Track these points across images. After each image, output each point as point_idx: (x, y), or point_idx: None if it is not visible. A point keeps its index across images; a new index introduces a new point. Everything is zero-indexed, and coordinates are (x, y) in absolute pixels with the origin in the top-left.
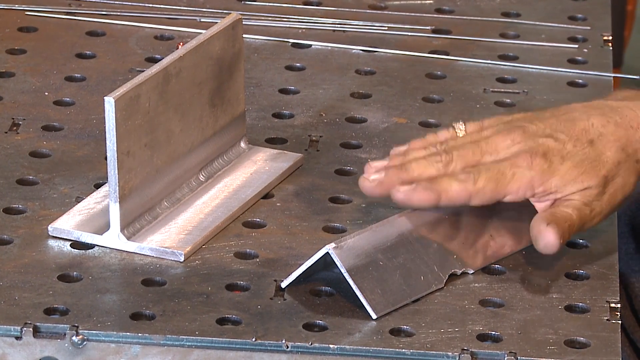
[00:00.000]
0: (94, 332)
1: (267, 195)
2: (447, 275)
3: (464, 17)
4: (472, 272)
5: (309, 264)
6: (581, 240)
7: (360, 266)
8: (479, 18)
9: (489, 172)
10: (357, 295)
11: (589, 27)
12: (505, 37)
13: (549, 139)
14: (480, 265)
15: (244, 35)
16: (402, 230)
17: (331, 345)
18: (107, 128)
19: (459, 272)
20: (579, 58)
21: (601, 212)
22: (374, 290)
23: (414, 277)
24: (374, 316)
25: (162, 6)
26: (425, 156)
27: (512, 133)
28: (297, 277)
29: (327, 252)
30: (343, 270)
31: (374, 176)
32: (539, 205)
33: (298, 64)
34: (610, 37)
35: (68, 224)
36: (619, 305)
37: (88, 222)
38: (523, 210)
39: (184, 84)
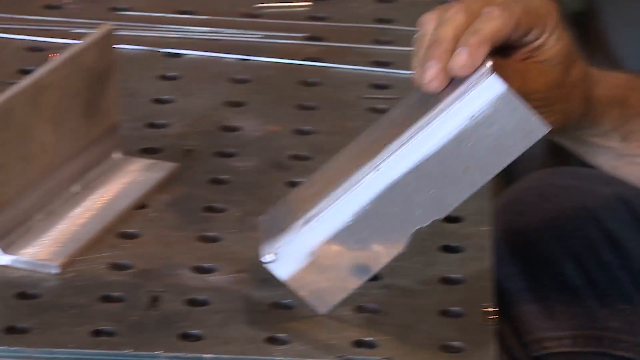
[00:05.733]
0: None
1: (141, 206)
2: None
3: (338, 24)
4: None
5: None
6: (456, 245)
7: (299, 270)
8: (353, 24)
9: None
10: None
11: None
12: (379, 43)
13: None
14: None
15: (118, 45)
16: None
17: (206, 355)
18: None
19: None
20: None
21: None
22: (316, 289)
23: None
24: (321, 312)
25: (34, 17)
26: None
27: None
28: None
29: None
30: (283, 281)
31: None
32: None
33: (172, 73)
34: None
35: None
36: (493, 309)
37: None
38: None
39: (57, 95)
